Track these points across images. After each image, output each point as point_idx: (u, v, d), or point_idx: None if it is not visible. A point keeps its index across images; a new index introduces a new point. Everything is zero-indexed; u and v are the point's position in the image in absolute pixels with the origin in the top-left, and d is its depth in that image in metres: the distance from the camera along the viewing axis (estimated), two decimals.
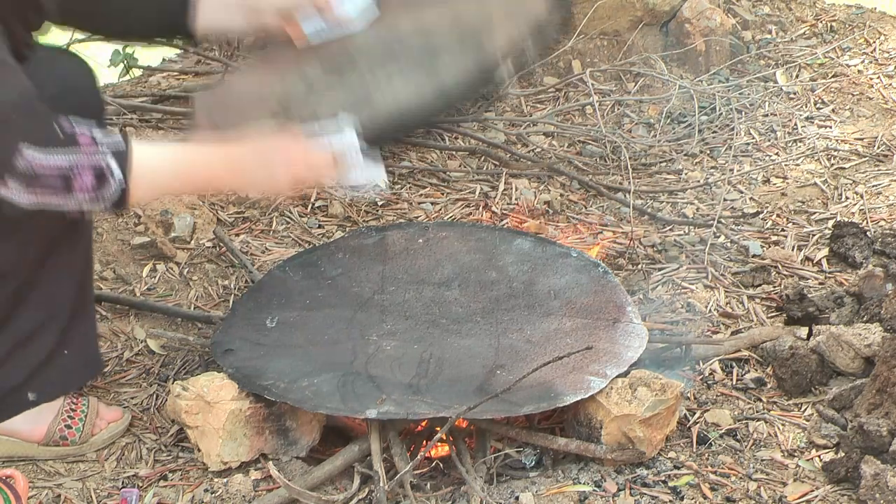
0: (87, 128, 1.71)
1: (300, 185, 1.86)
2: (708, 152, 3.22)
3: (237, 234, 2.75)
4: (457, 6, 2.29)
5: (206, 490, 1.93)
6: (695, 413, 2.11)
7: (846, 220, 2.77)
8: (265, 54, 2.41)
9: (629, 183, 2.91)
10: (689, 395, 2.16)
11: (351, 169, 1.83)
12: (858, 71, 3.62)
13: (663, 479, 1.92)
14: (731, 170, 3.11)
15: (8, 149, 1.63)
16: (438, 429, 1.86)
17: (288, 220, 2.84)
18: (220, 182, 1.87)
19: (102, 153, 1.69)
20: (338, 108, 2.07)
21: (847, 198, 2.94)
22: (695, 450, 2.01)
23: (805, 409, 2.12)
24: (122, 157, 1.71)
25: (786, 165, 3.12)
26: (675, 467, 1.96)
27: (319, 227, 2.84)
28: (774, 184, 3.04)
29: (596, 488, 1.89)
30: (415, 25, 2.30)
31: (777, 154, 3.20)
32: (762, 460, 1.98)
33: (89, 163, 1.68)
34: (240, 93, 2.26)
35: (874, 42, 3.76)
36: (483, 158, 3.18)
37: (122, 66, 3.47)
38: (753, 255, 2.66)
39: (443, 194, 3.00)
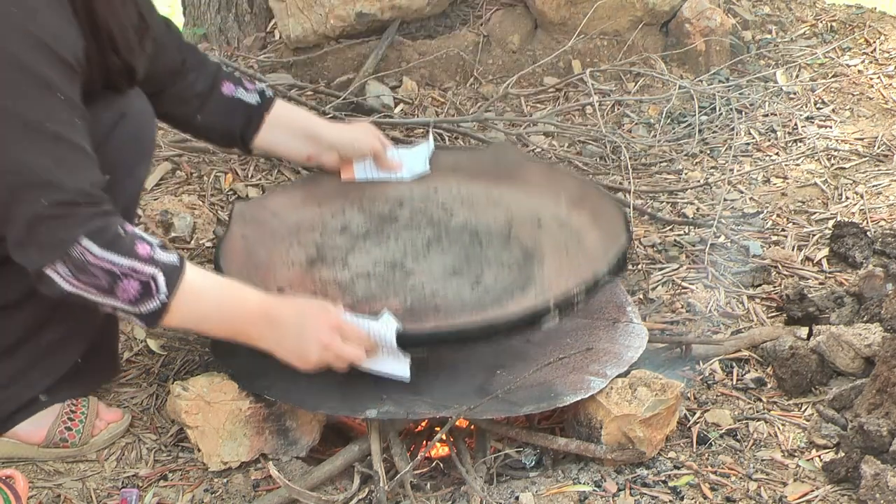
0: (148, 241, 1.73)
1: (328, 357, 1.83)
2: (708, 152, 3.22)
3: None
4: (509, 201, 2.34)
5: (206, 490, 1.93)
6: (695, 413, 2.11)
7: (846, 220, 2.77)
8: (309, 179, 2.46)
9: (629, 183, 2.91)
10: (689, 395, 2.16)
11: (381, 356, 1.86)
12: (858, 71, 3.62)
13: (663, 479, 1.92)
14: (731, 170, 3.11)
15: (69, 235, 1.65)
16: (438, 429, 1.86)
17: None
18: (254, 331, 1.83)
19: (155, 268, 1.71)
20: (369, 260, 2.17)
21: (847, 198, 2.93)
22: (695, 450, 2.01)
23: (805, 409, 2.12)
24: (173, 278, 1.73)
25: (786, 165, 3.12)
26: (675, 467, 1.96)
27: None
28: (774, 184, 3.04)
29: (596, 488, 1.89)
30: (464, 202, 2.36)
31: (777, 154, 3.20)
32: (762, 460, 1.98)
33: (140, 273, 1.70)
34: (276, 212, 2.32)
35: (874, 42, 3.76)
36: None
37: None
38: (753, 255, 2.66)
39: None
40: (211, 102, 2.18)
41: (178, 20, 4.32)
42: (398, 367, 1.86)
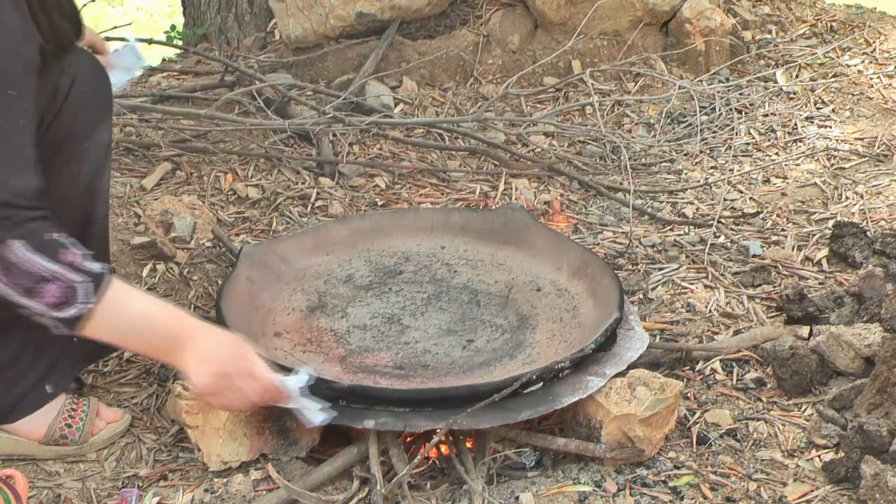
0: (77, 250, 1.70)
1: (221, 386, 1.79)
2: (708, 152, 3.22)
3: (237, 234, 2.76)
4: (512, 265, 2.39)
5: (206, 490, 1.93)
6: (695, 413, 2.11)
7: (846, 220, 2.77)
8: (321, 227, 2.55)
9: (629, 183, 2.91)
10: (689, 395, 2.16)
11: (293, 403, 1.84)
12: (858, 71, 3.62)
13: (663, 479, 1.92)
14: (731, 170, 3.11)
15: (1, 236, 1.63)
16: (438, 430, 1.86)
17: (288, 219, 2.84)
18: (167, 347, 1.80)
19: (79, 277, 1.69)
20: (368, 312, 2.24)
21: (847, 198, 2.94)
22: (695, 450, 2.01)
23: (805, 409, 2.12)
24: (96, 287, 1.70)
25: (786, 165, 3.12)
26: (675, 467, 1.96)
27: None
28: (774, 184, 3.04)
29: (596, 488, 1.89)
30: (468, 262, 2.42)
31: (777, 154, 3.20)
32: (762, 460, 1.98)
33: (62, 280, 1.67)
34: (284, 258, 2.37)
35: (874, 42, 3.76)
36: (483, 158, 3.18)
37: None
38: (753, 255, 2.66)
39: (443, 194, 3.00)
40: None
41: (179, 20, 4.32)
42: (313, 414, 1.83)
